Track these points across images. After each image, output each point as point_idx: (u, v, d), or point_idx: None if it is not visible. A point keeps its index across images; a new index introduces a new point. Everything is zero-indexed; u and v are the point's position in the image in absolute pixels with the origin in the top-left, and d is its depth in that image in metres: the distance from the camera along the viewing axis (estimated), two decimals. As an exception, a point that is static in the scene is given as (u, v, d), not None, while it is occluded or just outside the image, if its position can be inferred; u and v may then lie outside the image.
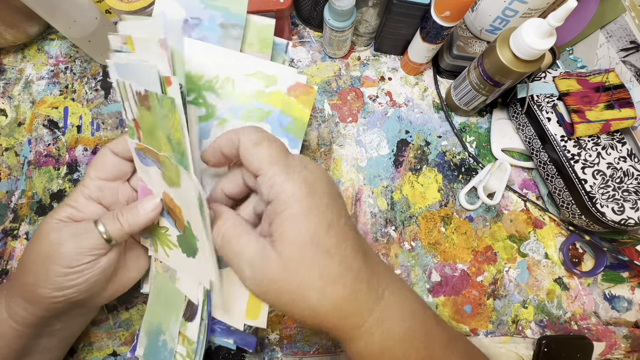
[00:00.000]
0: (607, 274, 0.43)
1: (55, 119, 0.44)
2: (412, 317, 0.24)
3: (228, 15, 0.31)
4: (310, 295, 0.21)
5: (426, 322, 0.25)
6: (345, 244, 0.22)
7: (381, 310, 0.23)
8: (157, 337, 0.33)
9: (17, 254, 0.39)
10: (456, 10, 0.36)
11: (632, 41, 0.41)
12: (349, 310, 0.22)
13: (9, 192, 0.41)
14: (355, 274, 0.22)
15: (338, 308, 0.21)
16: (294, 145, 0.32)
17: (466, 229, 0.44)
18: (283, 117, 0.31)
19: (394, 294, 0.24)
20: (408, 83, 0.49)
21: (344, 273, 0.21)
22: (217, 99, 0.31)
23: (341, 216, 0.22)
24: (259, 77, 0.31)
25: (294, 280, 0.21)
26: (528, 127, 0.44)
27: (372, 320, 0.22)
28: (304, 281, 0.21)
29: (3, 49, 0.46)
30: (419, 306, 0.25)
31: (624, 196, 0.39)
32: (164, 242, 0.31)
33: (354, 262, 0.22)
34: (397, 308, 0.23)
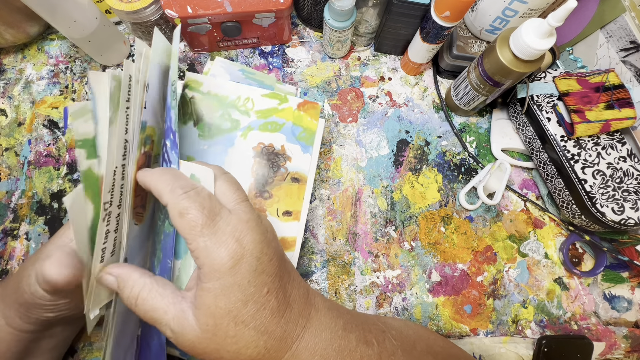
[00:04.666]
0: (607, 274, 0.43)
1: (56, 119, 0.44)
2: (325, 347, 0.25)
3: (262, 85, 0.40)
4: (224, 356, 0.22)
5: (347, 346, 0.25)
6: (264, 312, 0.23)
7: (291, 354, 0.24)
8: None
9: (17, 254, 0.39)
10: (456, 10, 0.36)
11: (632, 41, 0.41)
12: None
13: (9, 192, 0.41)
14: (269, 336, 0.23)
15: None
16: (305, 150, 0.38)
17: (466, 229, 0.44)
18: (295, 128, 0.38)
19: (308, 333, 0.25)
20: (408, 83, 0.49)
21: (258, 337, 0.22)
22: (240, 115, 0.37)
23: (265, 285, 0.23)
24: (273, 96, 0.38)
25: (209, 345, 0.22)
26: (528, 127, 0.44)
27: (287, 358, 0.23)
28: (219, 345, 0.22)
29: (3, 49, 0.46)
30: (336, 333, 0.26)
31: (624, 196, 0.39)
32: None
33: (270, 324, 0.23)
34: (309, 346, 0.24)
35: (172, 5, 0.39)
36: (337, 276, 0.41)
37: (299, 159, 0.37)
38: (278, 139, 0.37)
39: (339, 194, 0.44)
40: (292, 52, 0.49)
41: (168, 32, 0.44)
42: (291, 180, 0.37)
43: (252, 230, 0.23)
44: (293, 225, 0.36)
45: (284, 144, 0.37)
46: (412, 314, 0.41)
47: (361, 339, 0.26)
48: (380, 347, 0.27)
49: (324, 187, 0.44)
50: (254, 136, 0.37)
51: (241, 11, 0.40)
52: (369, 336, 0.27)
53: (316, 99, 0.47)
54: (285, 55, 0.48)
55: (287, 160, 0.37)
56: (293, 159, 0.37)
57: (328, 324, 0.26)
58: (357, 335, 0.26)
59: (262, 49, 0.48)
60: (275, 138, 0.37)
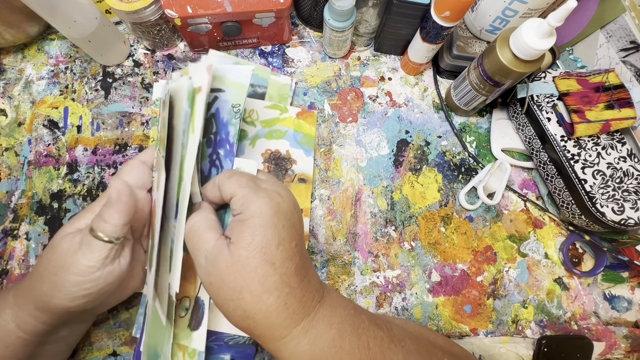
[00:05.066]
0: (607, 274, 0.43)
1: (55, 119, 0.44)
2: (343, 322, 0.26)
3: (256, 78, 0.44)
4: (246, 298, 0.23)
5: (360, 325, 0.26)
6: (289, 263, 0.24)
7: (309, 322, 0.25)
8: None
9: (17, 254, 0.39)
10: (456, 10, 0.36)
11: (632, 41, 0.41)
12: (276, 322, 0.24)
13: (9, 192, 0.41)
14: (290, 290, 0.24)
15: (267, 317, 0.24)
16: (308, 153, 0.43)
17: (466, 229, 0.44)
18: (297, 134, 0.43)
19: (324, 307, 0.26)
20: (408, 83, 0.49)
21: (281, 287, 0.24)
22: (247, 126, 0.41)
23: (293, 239, 0.25)
24: (274, 107, 0.42)
25: (237, 279, 0.23)
26: (528, 127, 0.44)
27: (300, 330, 0.24)
28: (245, 282, 0.23)
29: (3, 49, 0.46)
30: (352, 313, 0.27)
31: (624, 196, 0.39)
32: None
33: (292, 279, 0.24)
34: (326, 319, 0.25)
35: (172, 5, 0.39)
36: (337, 276, 0.41)
37: (303, 162, 0.42)
38: (283, 145, 0.42)
39: (339, 194, 0.44)
40: (292, 52, 0.49)
41: (168, 32, 0.44)
42: (298, 181, 0.42)
43: (288, 191, 0.27)
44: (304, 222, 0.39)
45: (289, 149, 0.42)
46: (412, 314, 0.41)
47: (372, 321, 0.27)
48: (390, 332, 0.27)
49: (324, 187, 0.44)
50: (261, 144, 0.41)
51: (241, 11, 0.40)
52: (379, 321, 0.28)
53: (316, 99, 0.47)
54: (285, 55, 0.48)
55: (293, 163, 0.42)
56: (298, 162, 0.42)
57: (341, 303, 0.27)
58: (368, 317, 0.28)
59: (262, 49, 0.48)
60: (281, 144, 0.42)
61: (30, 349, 0.28)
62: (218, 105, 0.33)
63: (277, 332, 0.24)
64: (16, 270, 0.39)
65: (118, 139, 0.43)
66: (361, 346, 0.25)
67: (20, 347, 0.28)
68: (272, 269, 0.23)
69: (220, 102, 0.33)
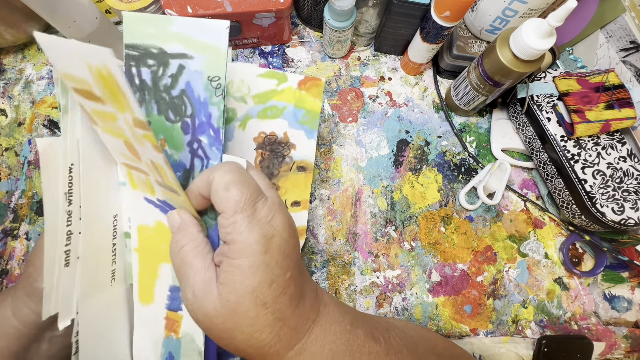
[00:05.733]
0: (607, 274, 0.43)
1: (55, 119, 0.44)
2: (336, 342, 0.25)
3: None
4: (237, 337, 0.22)
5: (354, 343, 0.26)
6: (283, 297, 0.23)
7: (302, 345, 0.24)
8: None
9: (17, 254, 0.39)
10: (456, 10, 0.36)
11: (632, 41, 0.41)
12: (269, 352, 0.23)
13: (9, 192, 0.41)
14: (284, 322, 0.23)
15: (259, 350, 0.23)
16: (310, 135, 0.35)
17: (466, 229, 0.44)
18: (297, 111, 0.34)
19: (318, 326, 0.25)
20: (408, 83, 0.49)
21: (274, 323, 0.23)
22: (235, 102, 0.33)
23: (288, 270, 0.23)
24: (270, 75, 0.33)
25: (226, 322, 0.22)
26: (528, 127, 0.44)
27: (290, 355, 0.24)
28: (235, 325, 0.22)
29: (3, 49, 0.46)
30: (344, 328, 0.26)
31: (624, 196, 0.39)
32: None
33: (286, 311, 0.23)
34: (319, 338, 0.25)
35: (172, 5, 0.39)
36: (337, 276, 0.41)
37: (303, 146, 0.35)
38: (280, 126, 0.34)
39: (339, 194, 0.44)
40: (292, 52, 0.49)
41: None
42: (297, 169, 0.35)
43: (282, 214, 0.24)
44: (302, 214, 0.35)
45: (287, 130, 0.35)
46: (412, 314, 0.41)
47: (369, 335, 0.27)
48: (387, 344, 0.27)
49: (324, 187, 0.44)
50: (253, 125, 0.34)
51: (241, 11, 0.40)
52: (376, 333, 0.27)
53: (316, 99, 0.47)
54: (285, 55, 0.48)
55: (291, 148, 0.35)
56: (297, 147, 0.35)
57: (336, 319, 0.26)
58: (365, 331, 0.27)
59: (262, 49, 0.48)
60: (277, 125, 0.34)
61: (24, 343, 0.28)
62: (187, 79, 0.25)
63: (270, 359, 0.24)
64: (16, 270, 0.39)
65: (118, 139, 0.43)
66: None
67: (15, 339, 0.28)
68: (263, 309, 0.22)
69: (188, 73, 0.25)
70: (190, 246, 0.24)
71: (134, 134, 0.22)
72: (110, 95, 0.21)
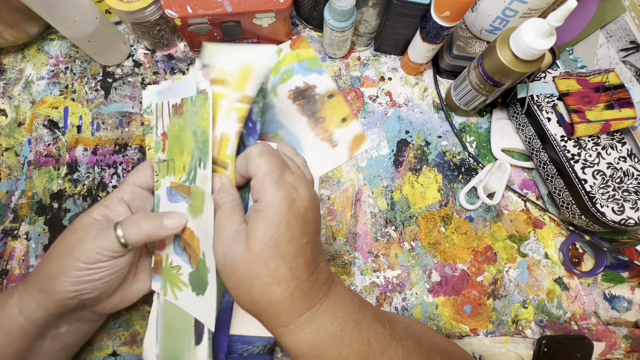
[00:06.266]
0: (607, 274, 0.43)
1: (55, 119, 0.44)
2: (346, 316, 0.27)
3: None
4: (256, 286, 0.25)
5: (363, 320, 0.27)
6: (299, 258, 0.25)
7: (313, 314, 0.26)
8: None
9: (17, 254, 0.39)
10: (456, 10, 0.36)
11: (632, 41, 0.41)
12: (282, 310, 0.25)
13: (9, 192, 0.41)
14: (298, 283, 0.25)
15: (273, 306, 0.25)
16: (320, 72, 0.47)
17: (466, 229, 0.44)
18: (301, 64, 0.47)
19: (329, 300, 0.27)
20: (408, 83, 0.49)
21: (289, 280, 0.25)
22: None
23: (305, 236, 0.26)
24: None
25: (248, 269, 0.25)
26: (528, 127, 0.44)
27: (303, 319, 0.26)
28: (255, 273, 0.24)
29: (3, 49, 0.46)
30: (356, 308, 0.28)
31: (624, 196, 0.39)
32: (175, 284, 0.33)
33: (301, 273, 0.25)
34: (330, 311, 0.26)
35: (172, 5, 0.39)
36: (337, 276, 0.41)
37: (321, 82, 0.47)
38: (298, 80, 0.46)
39: (339, 194, 0.44)
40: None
41: (168, 32, 0.44)
42: (328, 98, 0.46)
43: (307, 188, 0.27)
44: (353, 124, 0.46)
45: (304, 79, 0.46)
46: (412, 314, 0.41)
47: (376, 318, 0.28)
48: (392, 330, 0.28)
49: (324, 187, 0.44)
50: (281, 90, 0.46)
51: (241, 11, 0.40)
52: (382, 318, 0.28)
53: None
54: (285, 55, 0.48)
55: (314, 89, 0.46)
56: (318, 85, 0.46)
57: (346, 297, 0.28)
58: (372, 314, 0.28)
59: (262, 49, 0.48)
60: (296, 80, 0.46)
61: (28, 342, 0.29)
62: None
63: (281, 320, 0.25)
64: (16, 270, 0.39)
65: (118, 139, 0.43)
66: (361, 340, 0.26)
67: (19, 337, 0.28)
68: (282, 263, 0.24)
69: None
70: (229, 204, 0.27)
71: (229, 107, 0.31)
72: (238, 81, 0.31)
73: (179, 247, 0.32)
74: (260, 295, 0.25)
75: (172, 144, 0.34)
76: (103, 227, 0.29)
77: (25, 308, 0.28)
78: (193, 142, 0.31)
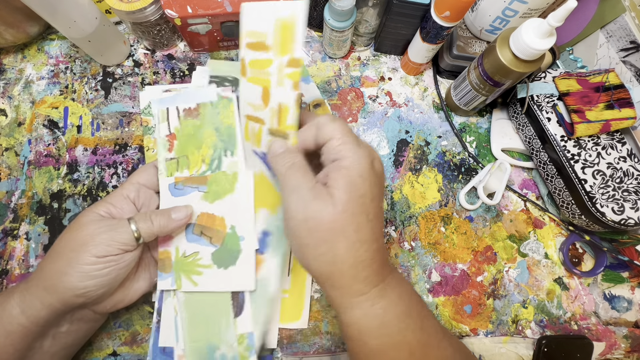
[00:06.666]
0: (607, 274, 0.43)
1: (55, 119, 0.44)
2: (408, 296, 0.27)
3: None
4: (341, 242, 0.23)
5: (422, 310, 0.27)
6: (378, 220, 0.25)
7: (384, 287, 0.25)
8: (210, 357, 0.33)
9: (17, 254, 0.39)
10: (456, 10, 0.36)
11: (632, 41, 0.41)
12: (360, 275, 0.24)
13: (9, 192, 0.41)
14: (378, 246, 0.25)
15: (354, 267, 0.24)
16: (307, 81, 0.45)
17: (466, 229, 0.44)
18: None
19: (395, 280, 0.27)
20: (408, 83, 0.49)
21: (372, 240, 0.24)
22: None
23: (381, 200, 0.26)
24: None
25: (335, 222, 0.23)
26: (528, 127, 0.44)
27: (376, 292, 0.25)
28: (343, 227, 0.23)
29: (3, 49, 0.46)
30: (415, 296, 0.28)
31: (624, 196, 0.39)
32: (191, 271, 0.34)
33: (379, 238, 0.25)
34: (396, 288, 0.26)
35: (172, 5, 0.39)
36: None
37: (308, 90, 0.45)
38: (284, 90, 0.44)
39: (339, 194, 0.44)
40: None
41: (168, 32, 0.44)
42: (314, 107, 0.45)
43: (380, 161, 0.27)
44: None
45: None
46: (412, 314, 0.41)
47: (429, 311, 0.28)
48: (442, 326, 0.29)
49: (324, 187, 0.44)
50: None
51: (241, 11, 0.40)
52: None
53: (316, 99, 0.47)
54: (285, 55, 0.48)
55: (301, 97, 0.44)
56: (304, 94, 0.45)
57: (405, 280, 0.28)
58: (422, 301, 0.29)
59: (262, 49, 0.48)
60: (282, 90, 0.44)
61: (29, 341, 0.29)
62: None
63: (357, 287, 0.24)
64: (16, 270, 0.39)
65: (118, 139, 0.43)
66: (423, 329, 0.26)
67: (20, 337, 0.28)
68: (366, 220, 0.24)
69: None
70: (299, 162, 0.26)
71: (279, 75, 0.29)
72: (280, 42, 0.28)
73: (193, 234, 0.35)
74: (344, 253, 0.23)
75: (184, 142, 0.37)
76: (115, 221, 0.30)
77: (28, 307, 0.28)
78: (215, 137, 0.36)
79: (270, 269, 0.34)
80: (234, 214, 0.35)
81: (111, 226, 0.30)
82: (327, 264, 0.24)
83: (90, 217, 0.30)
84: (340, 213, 0.23)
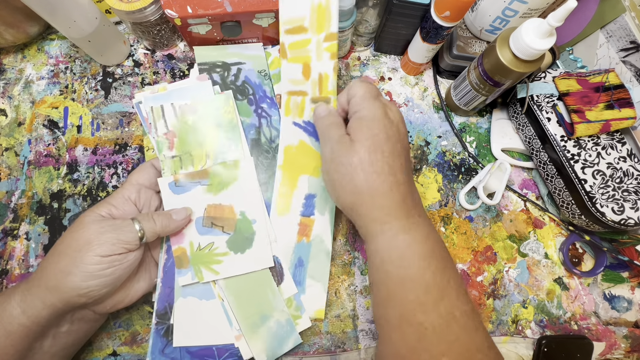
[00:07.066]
0: (607, 274, 0.43)
1: (55, 119, 0.44)
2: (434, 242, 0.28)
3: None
4: (359, 174, 0.28)
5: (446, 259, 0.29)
6: (395, 157, 0.29)
7: (409, 224, 0.28)
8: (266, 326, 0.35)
9: (17, 254, 0.39)
10: (456, 10, 0.36)
11: (632, 41, 0.41)
12: (382, 204, 0.28)
13: (9, 192, 0.41)
14: (395, 180, 0.28)
15: (373, 196, 0.28)
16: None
17: (466, 229, 0.44)
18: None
19: (422, 219, 0.29)
20: (408, 83, 0.49)
21: (387, 173, 0.28)
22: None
23: (398, 142, 0.30)
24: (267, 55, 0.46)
25: (353, 157, 0.28)
26: (528, 127, 0.44)
27: (398, 225, 0.28)
28: (359, 161, 0.28)
29: (3, 49, 0.46)
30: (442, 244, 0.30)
31: (624, 196, 0.39)
32: (210, 262, 0.35)
33: (398, 173, 0.29)
34: (423, 230, 0.29)
35: (172, 5, 0.39)
36: (337, 276, 0.41)
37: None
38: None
39: (339, 194, 0.44)
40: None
41: (168, 32, 0.44)
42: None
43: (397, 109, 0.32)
44: None
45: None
46: (412, 314, 0.41)
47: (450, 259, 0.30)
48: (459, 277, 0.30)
49: (324, 187, 0.44)
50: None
51: (241, 11, 0.40)
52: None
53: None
54: (285, 55, 0.48)
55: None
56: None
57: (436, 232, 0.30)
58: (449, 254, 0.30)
59: (262, 49, 0.48)
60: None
61: (29, 341, 0.29)
62: (245, 74, 0.42)
63: (379, 214, 0.28)
64: (16, 270, 0.39)
65: (118, 139, 0.43)
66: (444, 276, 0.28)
67: (20, 337, 0.28)
68: (381, 156, 0.28)
69: (244, 71, 0.43)
70: (336, 121, 0.32)
71: (318, 50, 0.35)
72: (317, 22, 0.35)
73: (204, 227, 0.36)
74: (362, 182, 0.28)
75: (184, 139, 0.38)
76: (118, 221, 0.31)
77: (29, 307, 0.28)
78: (218, 131, 0.38)
79: (321, 226, 0.38)
80: (242, 200, 0.37)
81: (115, 226, 0.30)
82: (350, 193, 0.29)
83: (92, 217, 0.31)
84: (357, 151, 0.28)
